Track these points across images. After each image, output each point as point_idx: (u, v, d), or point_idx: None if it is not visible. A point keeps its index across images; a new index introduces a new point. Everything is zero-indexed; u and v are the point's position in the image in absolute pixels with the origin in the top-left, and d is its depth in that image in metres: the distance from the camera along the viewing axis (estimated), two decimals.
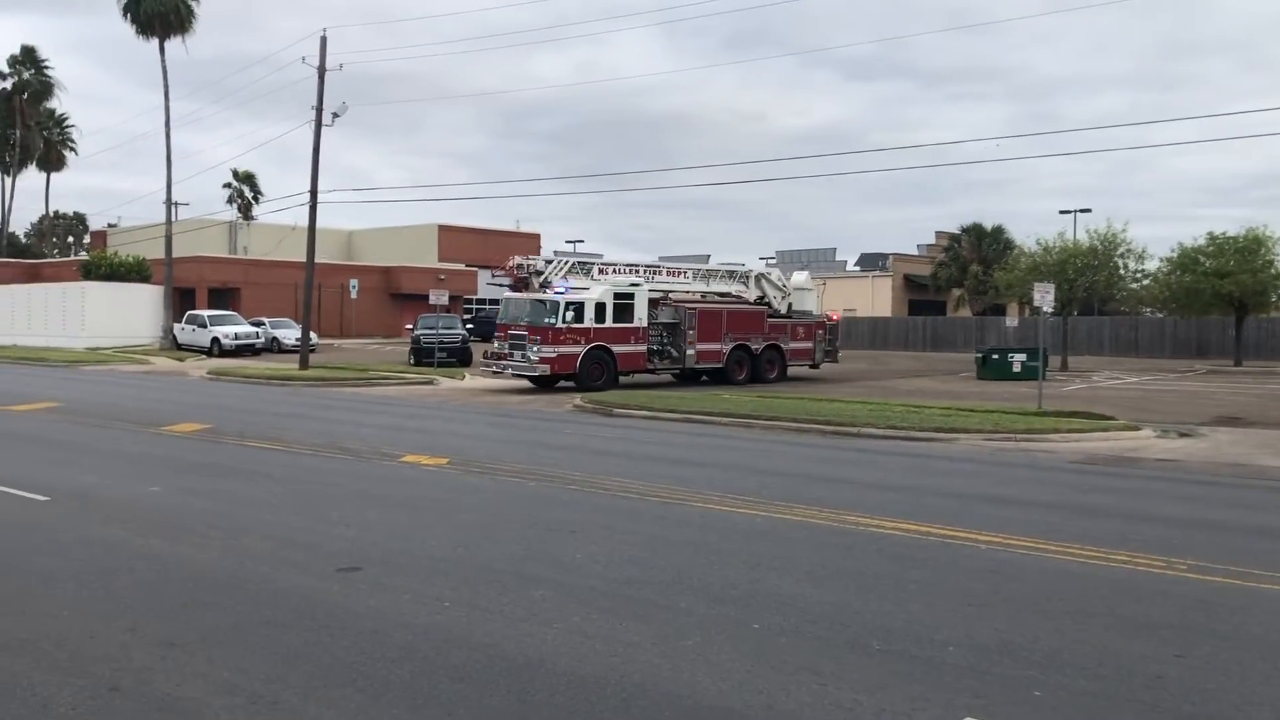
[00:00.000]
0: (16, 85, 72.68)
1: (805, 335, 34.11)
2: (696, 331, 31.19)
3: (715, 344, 31.66)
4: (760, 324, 32.94)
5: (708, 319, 31.66)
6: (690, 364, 31.20)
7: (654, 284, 31.42)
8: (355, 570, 8.30)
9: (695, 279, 33.16)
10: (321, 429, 18.59)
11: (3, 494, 11.50)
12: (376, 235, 73.68)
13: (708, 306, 32.32)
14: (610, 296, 29.47)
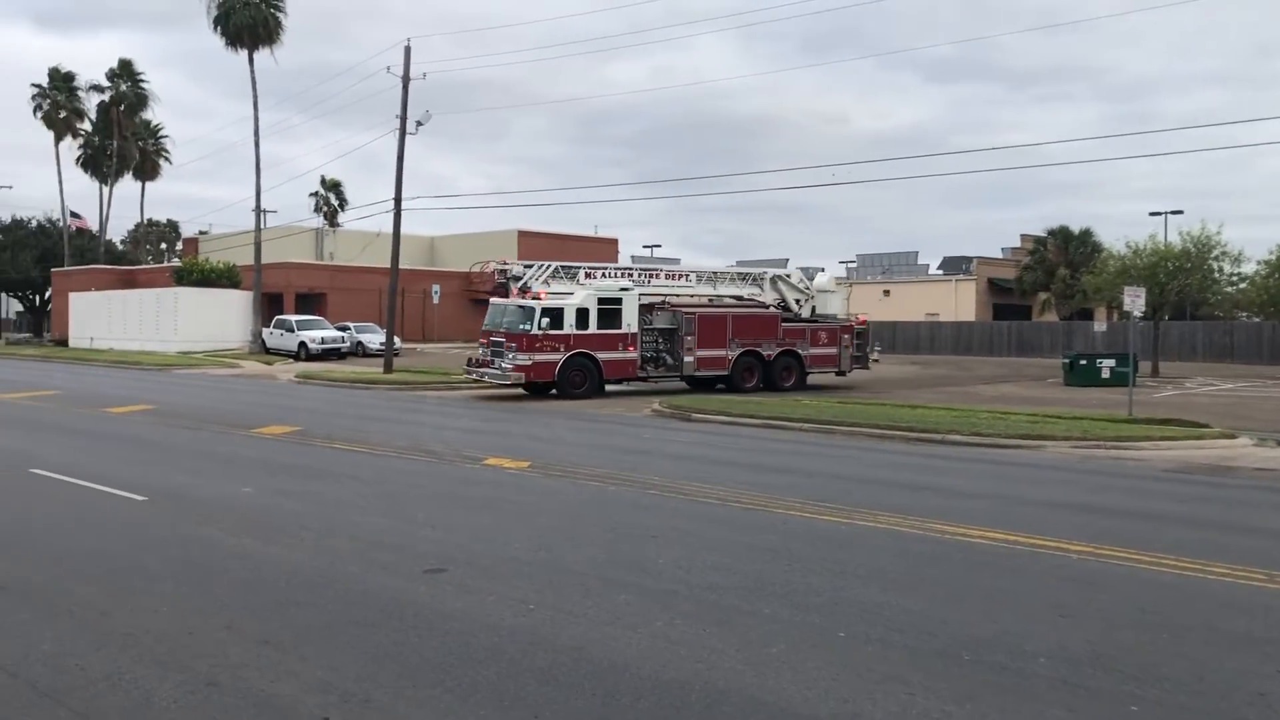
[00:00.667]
0: (114, 97, 75.07)
1: (829, 340, 32.17)
2: (696, 337, 29.99)
3: (719, 350, 30.27)
4: (773, 329, 31.27)
5: (710, 324, 30.43)
6: (689, 371, 30.12)
7: (651, 288, 30.55)
8: (441, 571, 8.41)
9: (701, 283, 32.04)
10: (405, 432, 18.89)
11: (104, 494, 11.89)
12: (458, 241, 74.58)
13: (710, 311, 31.17)
14: (594, 302, 28.53)
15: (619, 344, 28.84)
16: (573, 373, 28.08)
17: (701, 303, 31.63)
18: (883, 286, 74.53)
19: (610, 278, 29.98)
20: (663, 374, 30.32)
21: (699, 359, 30.09)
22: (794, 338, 31.53)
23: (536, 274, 28.88)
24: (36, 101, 73.52)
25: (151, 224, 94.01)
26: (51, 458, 14.67)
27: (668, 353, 30.23)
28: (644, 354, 29.76)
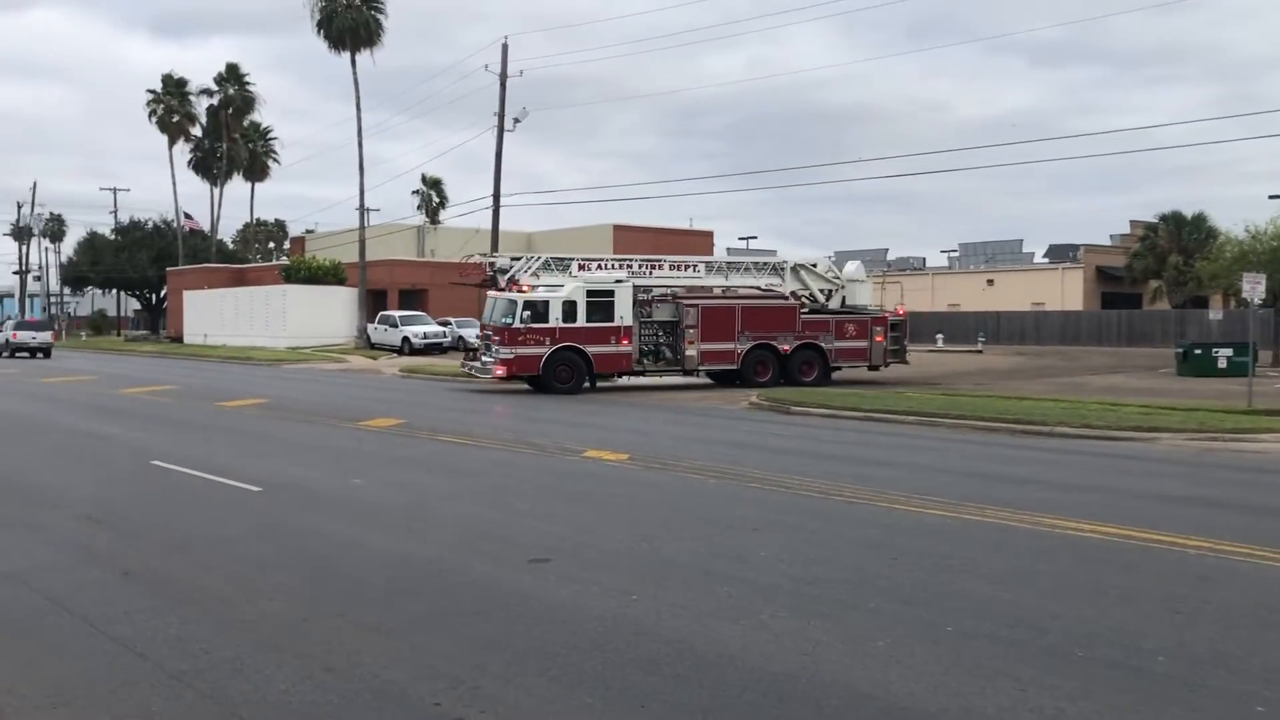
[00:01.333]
0: (223, 101, 77.45)
1: (857, 333, 30.29)
2: (699, 329, 28.82)
3: (727, 343, 28.99)
4: (790, 320, 29.66)
5: (715, 316, 29.06)
6: (692, 365, 29.12)
7: (653, 280, 29.65)
8: (545, 562, 8.52)
9: (711, 273, 30.61)
10: (507, 425, 19.16)
11: (221, 485, 12.32)
12: (555, 236, 75.17)
13: (715, 302, 29.56)
14: (582, 295, 27.90)
15: (611, 337, 28.14)
16: (558, 367, 27.55)
17: (710, 294, 30.16)
18: (986, 275, 72.96)
19: (607, 269, 29.33)
20: (662, 368, 29.47)
21: (703, 352, 28.97)
22: (816, 330, 29.88)
23: (525, 266, 28.48)
24: (151, 107, 76.32)
25: (260, 223, 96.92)
26: (171, 450, 15.25)
27: (668, 346, 29.36)
28: (643, 347, 29.02)
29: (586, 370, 28.01)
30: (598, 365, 28.08)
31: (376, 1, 52.55)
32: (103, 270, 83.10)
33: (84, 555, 8.80)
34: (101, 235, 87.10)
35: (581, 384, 27.95)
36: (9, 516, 10.50)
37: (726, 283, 30.62)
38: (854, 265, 32.57)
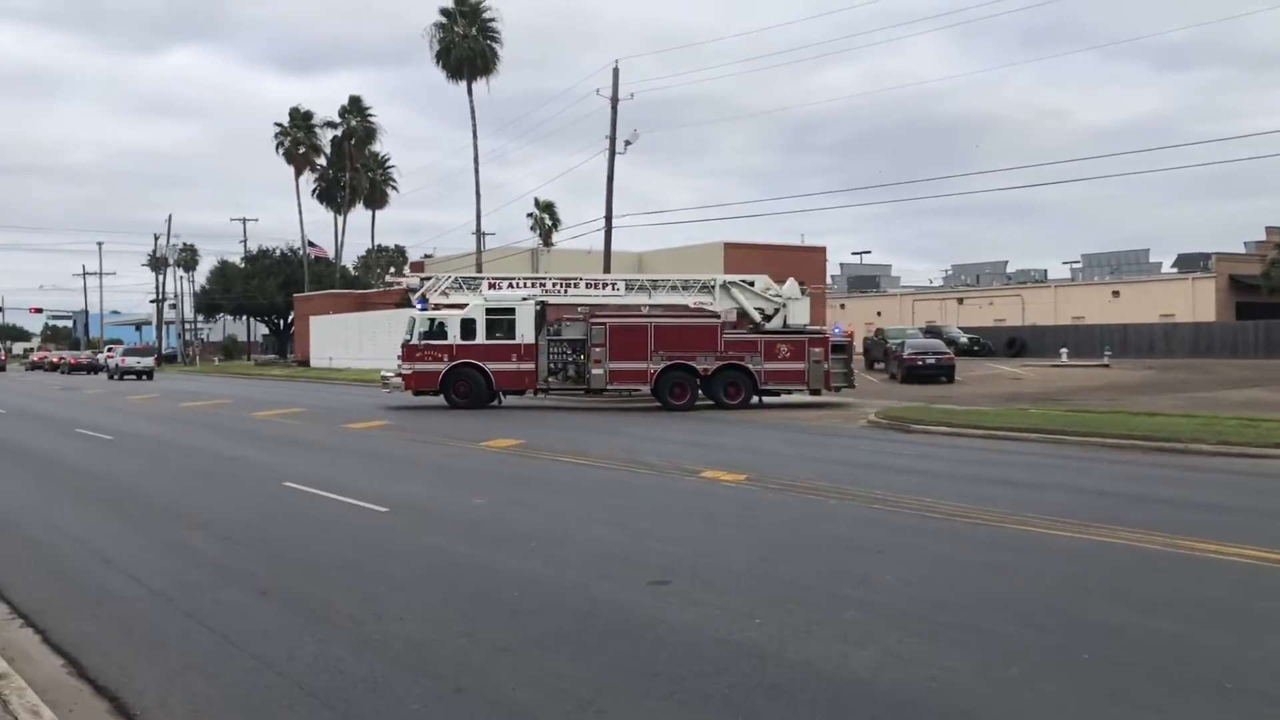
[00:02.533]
0: (346, 132, 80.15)
1: (792, 354, 28.87)
2: (606, 349, 28.45)
3: (639, 363, 28.50)
4: (711, 340, 28.69)
5: (625, 334, 28.56)
6: (598, 384, 28.80)
7: (566, 298, 29.77)
8: (666, 584, 8.52)
9: (632, 291, 30.13)
10: (622, 445, 19.26)
11: (349, 505, 12.67)
12: (665, 255, 75.52)
13: (624, 320, 29.05)
14: (481, 313, 28.87)
15: (512, 355, 28.80)
16: (457, 382, 28.64)
17: (624, 312, 29.64)
18: (1111, 287, 70.63)
19: (519, 288, 29.72)
20: (569, 386, 29.59)
21: (610, 371, 28.68)
22: (741, 350, 28.77)
23: (434, 285, 29.60)
24: (278, 140, 79.44)
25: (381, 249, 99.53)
26: (301, 471, 15.75)
27: (575, 365, 29.30)
28: (551, 365, 29.29)
29: (486, 387, 28.94)
30: (497, 382, 28.97)
31: (492, 31, 53.80)
32: (233, 297, 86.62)
33: (223, 574, 9.14)
34: (232, 264, 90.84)
35: (482, 400, 28.93)
36: (158, 537, 10.98)
37: (650, 301, 30.13)
38: (790, 283, 31.09)
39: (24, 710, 5.55)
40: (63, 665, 6.83)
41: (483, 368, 28.93)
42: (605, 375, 28.71)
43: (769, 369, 28.81)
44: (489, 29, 53.74)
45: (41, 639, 7.40)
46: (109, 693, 6.24)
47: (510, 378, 29.18)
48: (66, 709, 5.85)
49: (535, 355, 29.16)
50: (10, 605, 8.36)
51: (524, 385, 29.52)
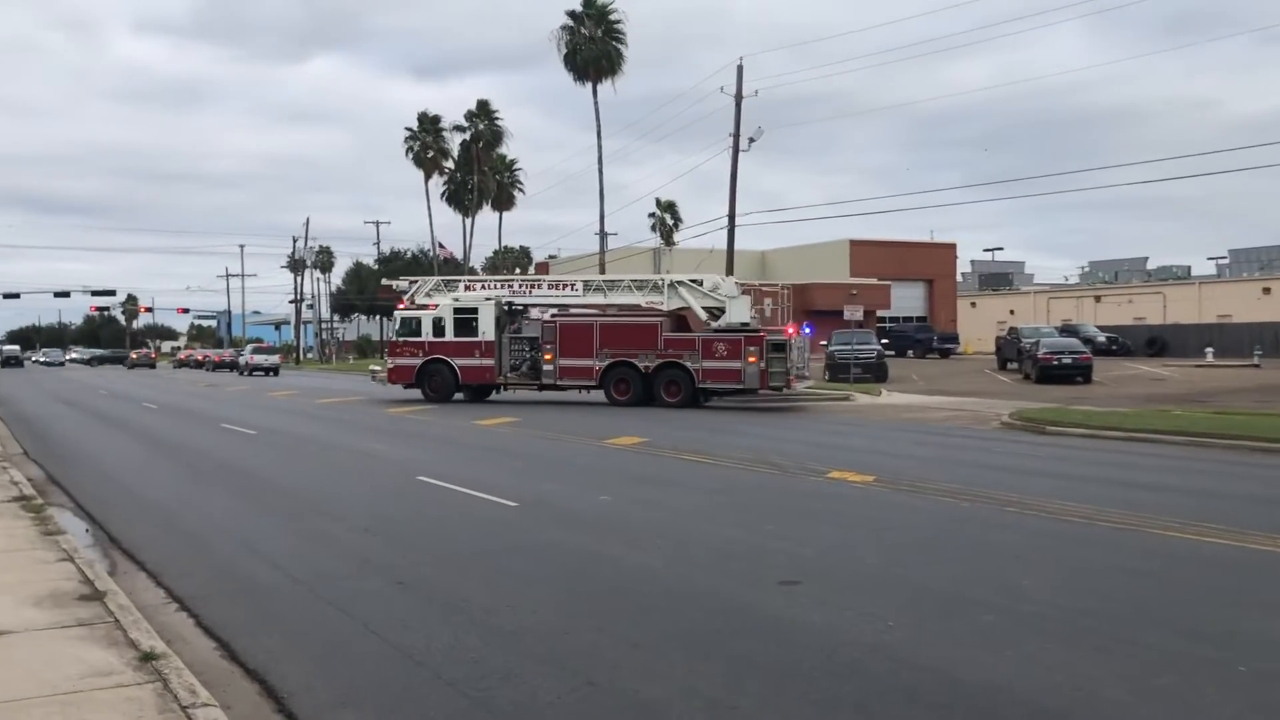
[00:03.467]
0: (473, 136, 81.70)
1: (729, 353, 28.53)
2: (556, 346, 29.88)
3: (586, 360, 29.53)
4: (652, 339, 29.13)
5: (573, 332, 29.88)
6: (549, 380, 30.15)
7: (530, 298, 31.53)
8: (795, 584, 8.45)
9: (590, 291, 31.25)
10: (746, 444, 19.17)
11: (480, 499, 12.93)
12: (789, 254, 75.07)
13: (572, 319, 30.38)
14: (449, 312, 30.90)
15: (475, 351, 30.75)
16: (431, 378, 31.14)
17: (590, 312, 30.67)
18: (1261, 283, 67.25)
19: (489, 289, 31.78)
20: (525, 382, 30.97)
21: (560, 368, 30.01)
22: (680, 349, 28.97)
23: (420, 288, 32.16)
24: (409, 144, 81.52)
25: (507, 250, 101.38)
26: (434, 466, 16.15)
27: (531, 362, 30.77)
28: (512, 362, 31.05)
29: (454, 381, 31.01)
30: (463, 377, 31.00)
31: (618, 33, 54.19)
32: (367, 298, 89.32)
33: (361, 565, 9.43)
34: (366, 265, 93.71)
35: (452, 394, 31.08)
36: (299, 528, 11.40)
37: (606, 301, 31.02)
38: (728, 282, 31.09)
39: (182, 689, 5.82)
40: (215, 648, 7.15)
41: (450, 363, 31.03)
42: (555, 371, 30.16)
43: (706, 367, 28.84)
44: (615, 30, 54.15)
45: (195, 623, 7.77)
46: (258, 675, 6.50)
47: (474, 373, 31.04)
48: (220, 689, 6.11)
49: (496, 352, 30.91)
50: (166, 590, 8.79)
51: (486, 379, 31.23)
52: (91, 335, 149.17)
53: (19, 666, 6.24)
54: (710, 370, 28.84)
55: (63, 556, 9.43)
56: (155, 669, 6.16)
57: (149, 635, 6.89)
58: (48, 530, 10.76)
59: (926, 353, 59.21)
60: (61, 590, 8.13)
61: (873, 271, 68.48)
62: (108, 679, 6.02)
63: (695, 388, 29.01)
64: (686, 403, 28.76)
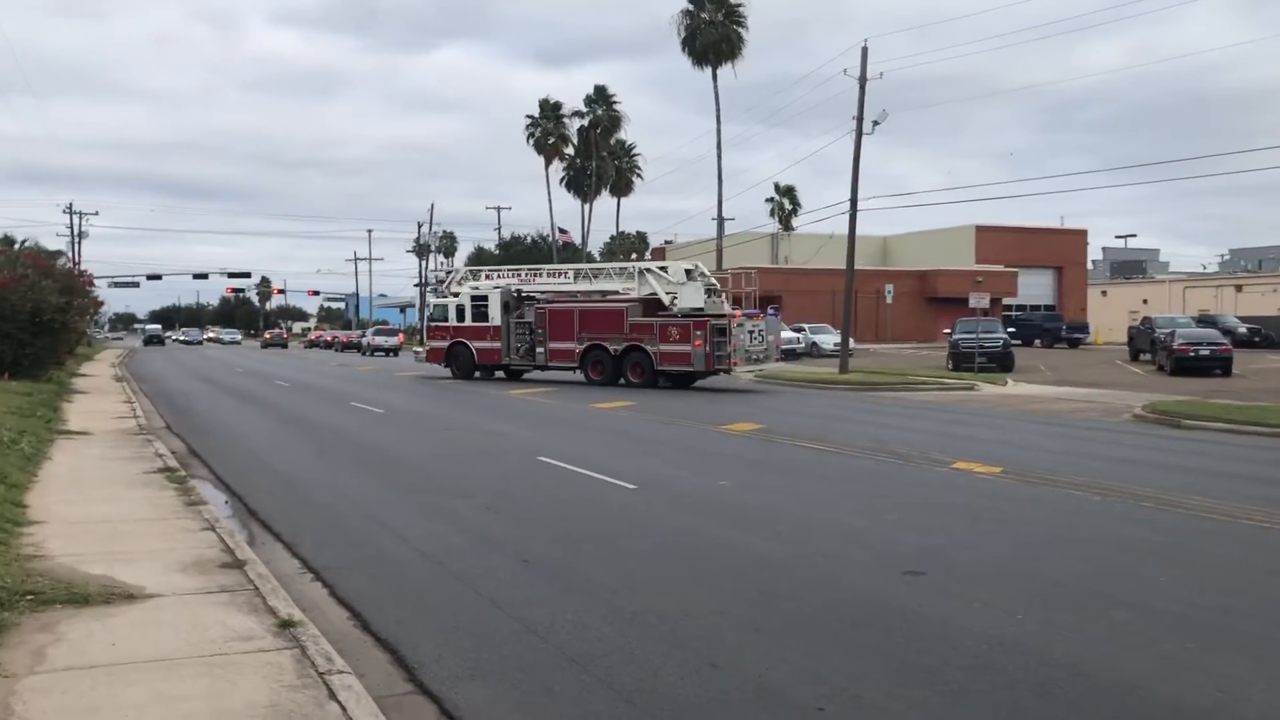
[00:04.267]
0: (592, 121, 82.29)
1: (680, 337, 29.63)
2: (547, 331, 32.41)
3: (569, 343, 31.73)
4: (619, 323, 30.86)
5: (558, 318, 32.21)
6: (542, 361, 32.80)
7: (534, 285, 33.99)
8: (920, 574, 8.32)
9: (579, 279, 33.50)
10: (867, 432, 18.91)
11: (600, 481, 13.06)
12: (912, 239, 73.68)
13: (558, 306, 32.61)
14: (468, 300, 34.44)
15: (486, 335, 34.06)
16: (455, 358, 34.87)
17: (574, 298, 32.97)
18: None
19: (501, 278, 35.06)
20: (526, 363, 33.64)
21: (551, 350, 32.44)
22: (641, 333, 30.44)
23: (453, 277, 36.24)
24: (529, 131, 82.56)
25: (623, 236, 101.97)
26: (554, 447, 16.37)
27: (529, 344, 33.19)
28: (515, 345, 33.66)
29: (471, 361, 34.54)
30: (478, 358, 34.46)
31: (739, 16, 53.89)
32: None
33: (487, 542, 9.63)
34: (487, 250, 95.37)
35: (472, 373, 34.52)
36: (426, 504, 11.71)
37: (591, 288, 33.08)
38: (676, 267, 31.98)
39: (319, 656, 6.05)
40: (348, 618, 7.39)
41: (469, 345, 34.56)
42: (546, 354, 32.69)
43: (662, 350, 30.09)
44: (735, 13, 53.83)
45: (329, 593, 8.05)
46: (389, 645, 6.71)
47: (486, 354, 34.39)
48: (354, 658, 6.32)
49: (503, 335, 33.78)
50: (302, 560, 9.13)
51: (495, 361, 34.39)
52: (228, 316, 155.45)
53: (168, 628, 6.57)
54: (666, 353, 30.10)
55: (205, 526, 9.87)
56: (293, 636, 6.41)
57: (286, 603, 7.18)
58: (190, 500, 11.28)
59: (1054, 342, 57.43)
60: (205, 558, 8.52)
61: (999, 258, 66.73)
62: (249, 643, 6.29)
63: (654, 369, 30.32)
64: (648, 384, 30.18)
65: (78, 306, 32.39)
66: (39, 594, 7.05)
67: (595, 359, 31.50)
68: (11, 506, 10.22)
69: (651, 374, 30.35)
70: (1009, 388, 31.54)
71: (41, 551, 8.52)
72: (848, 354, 37.72)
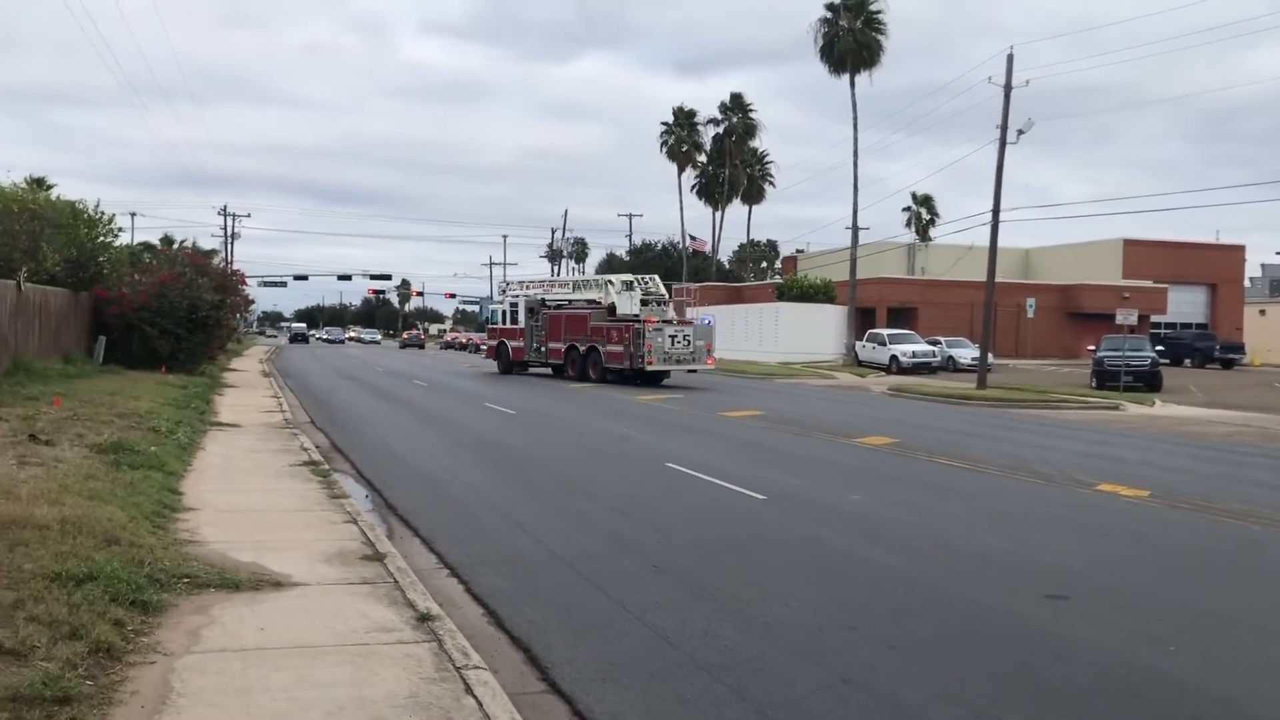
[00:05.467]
0: (726, 129, 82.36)
1: (618, 339, 34.91)
2: (546, 333, 38.54)
3: (559, 343, 37.70)
4: (585, 327, 36.56)
5: (553, 322, 38.40)
6: (544, 359, 38.67)
7: (551, 294, 39.93)
8: (1063, 598, 8.02)
9: (576, 290, 39.55)
10: (1006, 450, 18.37)
11: (728, 489, 13.01)
12: (1055, 252, 71.29)
13: (556, 312, 38.60)
14: (507, 306, 41.25)
15: (517, 335, 40.40)
16: (499, 355, 41.75)
17: (566, 305, 38.67)
18: None
19: (534, 288, 41.29)
20: (539, 361, 39.30)
21: (549, 349, 38.42)
22: (596, 336, 35.98)
23: (512, 287, 42.79)
24: (663, 138, 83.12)
25: (753, 244, 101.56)
26: (681, 454, 16.37)
27: (540, 344, 39.06)
28: (534, 345, 39.36)
29: (509, 358, 40.68)
30: (512, 355, 40.73)
31: (877, 23, 53.09)
32: None
33: (617, 545, 9.69)
34: (618, 256, 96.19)
35: (510, 369, 40.51)
36: (557, 505, 11.85)
37: (577, 296, 38.81)
38: (619, 279, 37.49)
39: (456, 650, 6.17)
40: (482, 614, 7.53)
41: (507, 344, 41.10)
42: (546, 352, 38.62)
43: (608, 350, 35.44)
44: (874, 20, 53.04)
45: (465, 589, 8.21)
46: (522, 644, 6.80)
47: (516, 352, 40.54)
48: (489, 654, 6.43)
49: (526, 337, 39.96)
50: (438, 556, 9.35)
51: (520, 358, 40.27)
52: (368, 316, 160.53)
53: (314, 616, 6.80)
54: (609, 353, 35.41)
55: (347, 519, 10.20)
56: (431, 629, 6.56)
57: (424, 597, 7.35)
58: (333, 494, 11.67)
59: (1206, 362, 54.76)
60: (347, 550, 8.80)
61: (1148, 274, 64.01)
62: (389, 635, 6.46)
63: (603, 367, 35.64)
64: (599, 379, 35.48)
65: (230, 304, 33.95)
66: (194, 578, 7.39)
67: (571, 357, 37.25)
68: (169, 493, 10.75)
69: (601, 370, 35.76)
70: (1156, 408, 30.24)
71: (196, 537, 8.93)
72: (985, 369, 36.73)
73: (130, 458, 11.98)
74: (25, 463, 10.74)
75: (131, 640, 5.92)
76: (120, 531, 7.98)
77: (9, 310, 21.23)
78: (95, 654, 5.54)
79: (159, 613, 6.52)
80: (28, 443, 12.16)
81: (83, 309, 28.07)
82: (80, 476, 10.13)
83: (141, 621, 6.26)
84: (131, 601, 6.44)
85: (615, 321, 35.35)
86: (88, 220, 29.76)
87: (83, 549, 7.20)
